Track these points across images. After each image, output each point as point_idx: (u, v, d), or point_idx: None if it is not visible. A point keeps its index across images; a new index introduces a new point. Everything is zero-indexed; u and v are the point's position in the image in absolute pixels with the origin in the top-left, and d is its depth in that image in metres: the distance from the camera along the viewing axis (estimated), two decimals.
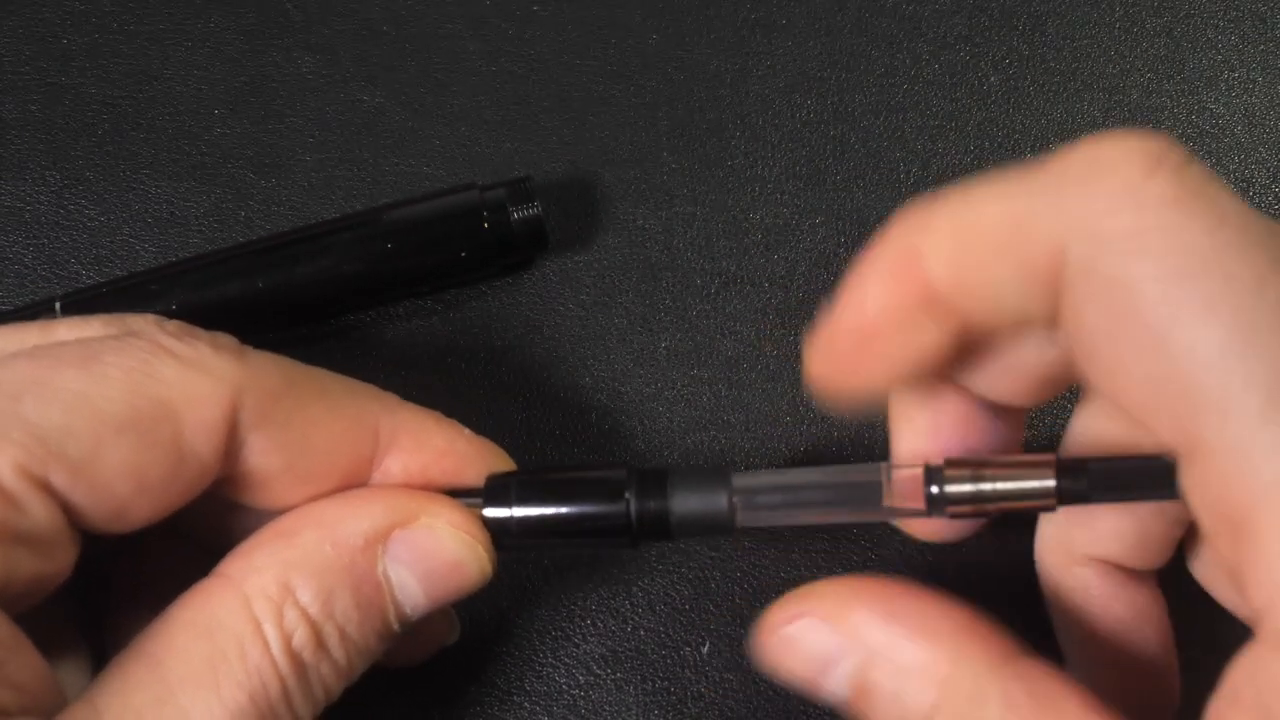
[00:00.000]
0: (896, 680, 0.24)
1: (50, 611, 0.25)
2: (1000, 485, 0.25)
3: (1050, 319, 0.23)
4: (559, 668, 0.33)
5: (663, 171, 0.39)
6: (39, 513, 0.23)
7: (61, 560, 0.24)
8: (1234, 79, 0.40)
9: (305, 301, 0.35)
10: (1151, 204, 0.20)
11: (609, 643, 0.33)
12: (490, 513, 0.28)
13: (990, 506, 0.25)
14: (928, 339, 0.24)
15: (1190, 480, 0.21)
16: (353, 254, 0.35)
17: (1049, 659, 0.24)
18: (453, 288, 0.37)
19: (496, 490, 0.28)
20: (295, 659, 0.24)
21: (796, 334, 0.37)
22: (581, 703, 0.33)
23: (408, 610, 0.27)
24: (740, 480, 0.27)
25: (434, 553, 0.27)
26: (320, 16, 0.41)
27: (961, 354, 0.25)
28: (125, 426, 0.24)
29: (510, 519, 0.28)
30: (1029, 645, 0.24)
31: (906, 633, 0.24)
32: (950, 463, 0.26)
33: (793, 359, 0.36)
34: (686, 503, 0.27)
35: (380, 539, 0.26)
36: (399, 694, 0.33)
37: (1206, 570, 0.28)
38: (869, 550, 0.34)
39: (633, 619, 0.34)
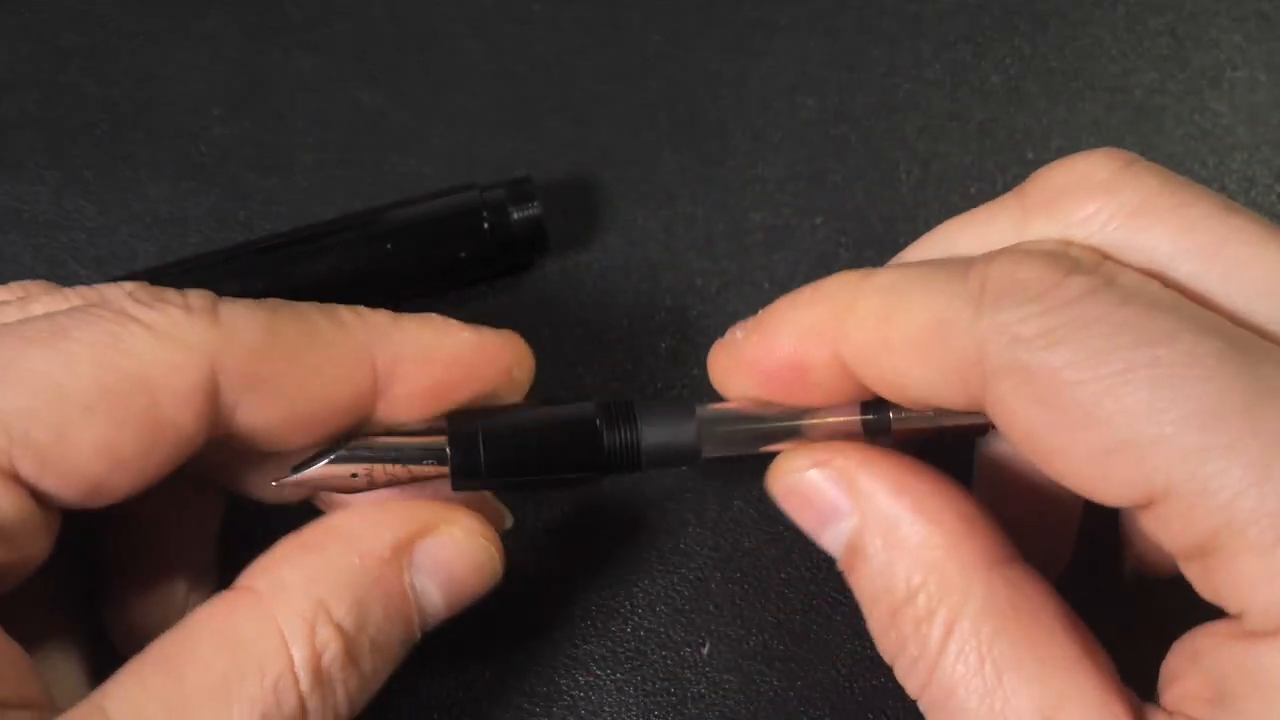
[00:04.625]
0: (889, 552, 0.24)
1: (31, 593, 0.25)
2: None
3: (967, 404, 0.24)
4: (559, 668, 0.33)
5: (663, 171, 0.39)
6: (4, 503, 0.23)
7: (33, 547, 0.24)
8: (1237, 78, 0.40)
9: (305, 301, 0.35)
10: (1059, 305, 0.22)
11: (609, 643, 0.33)
12: (455, 453, 0.27)
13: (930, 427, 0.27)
14: (813, 393, 0.26)
15: (1154, 523, 0.22)
16: (353, 254, 0.35)
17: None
18: (453, 288, 0.37)
19: (461, 432, 0.27)
20: (320, 676, 0.24)
21: None
22: (581, 703, 0.33)
23: (429, 617, 0.27)
24: (706, 411, 0.28)
25: (454, 560, 0.27)
26: (320, 16, 0.41)
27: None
28: (94, 404, 0.23)
29: (479, 461, 0.27)
30: (1018, 553, 0.25)
31: (909, 509, 0.24)
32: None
33: None
34: (656, 434, 0.28)
35: (405, 550, 0.26)
36: (399, 693, 0.33)
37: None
38: None
39: (633, 619, 0.33)
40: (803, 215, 0.38)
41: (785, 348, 0.26)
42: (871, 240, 0.38)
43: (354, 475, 0.27)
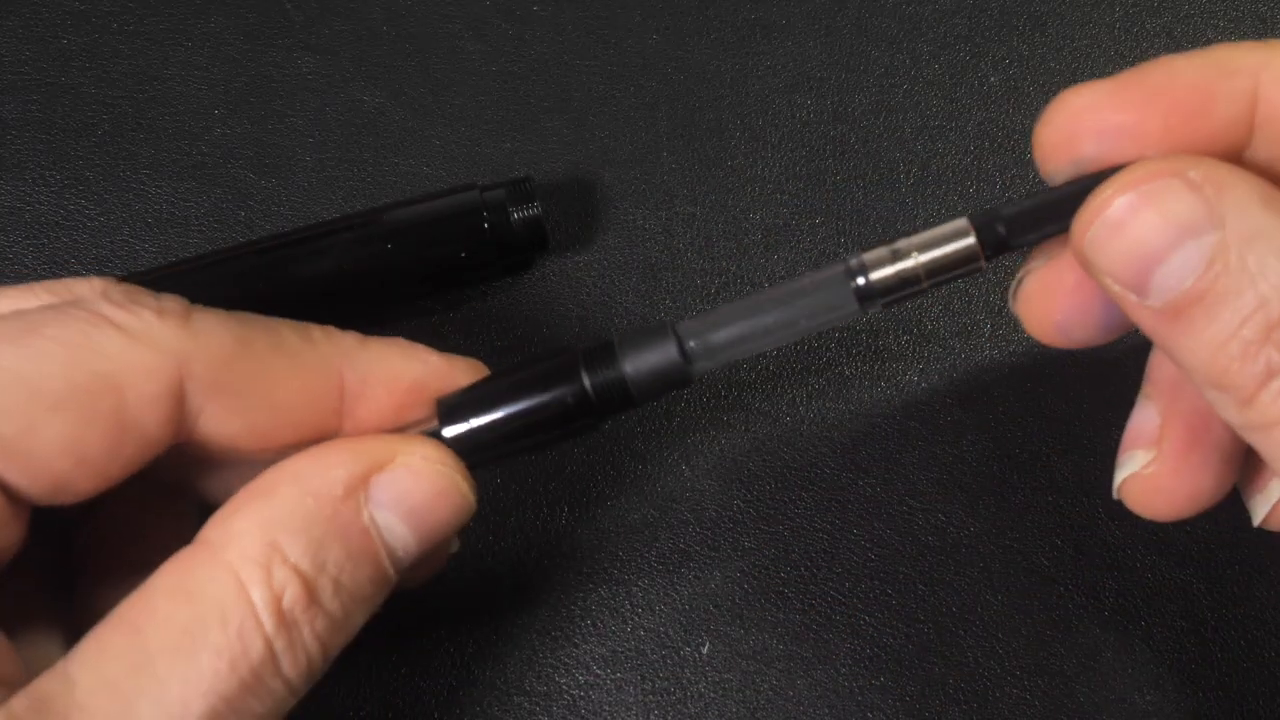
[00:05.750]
0: (1265, 264, 0.22)
1: (12, 583, 0.25)
2: (922, 259, 0.25)
3: None
4: (559, 668, 0.33)
5: (663, 171, 0.39)
6: None
7: (3, 536, 0.24)
8: None
9: (305, 301, 0.35)
10: None
11: (609, 643, 0.33)
12: (450, 433, 0.27)
13: (923, 284, 0.26)
14: (1206, 140, 0.24)
15: None
16: (353, 254, 0.35)
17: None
18: (453, 288, 0.37)
19: (450, 410, 0.27)
20: (283, 619, 0.24)
21: None
22: (581, 703, 0.33)
23: (400, 554, 0.26)
24: (687, 324, 0.27)
25: (414, 491, 0.26)
26: (320, 16, 0.41)
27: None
28: (62, 403, 0.23)
29: (473, 433, 0.27)
30: None
31: None
32: (867, 251, 0.26)
33: (792, 359, 0.36)
34: (639, 362, 0.27)
35: (360, 485, 0.26)
36: (400, 693, 0.33)
37: None
38: (869, 550, 0.34)
39: (633, 619, 0.34)
40: (801, 215, 0.38)
41: (1192, 75, 0.24)
42: (870, 240, 0.38)
43: None
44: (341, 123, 0.40)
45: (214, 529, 0.25)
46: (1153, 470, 0.27)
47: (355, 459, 0.26)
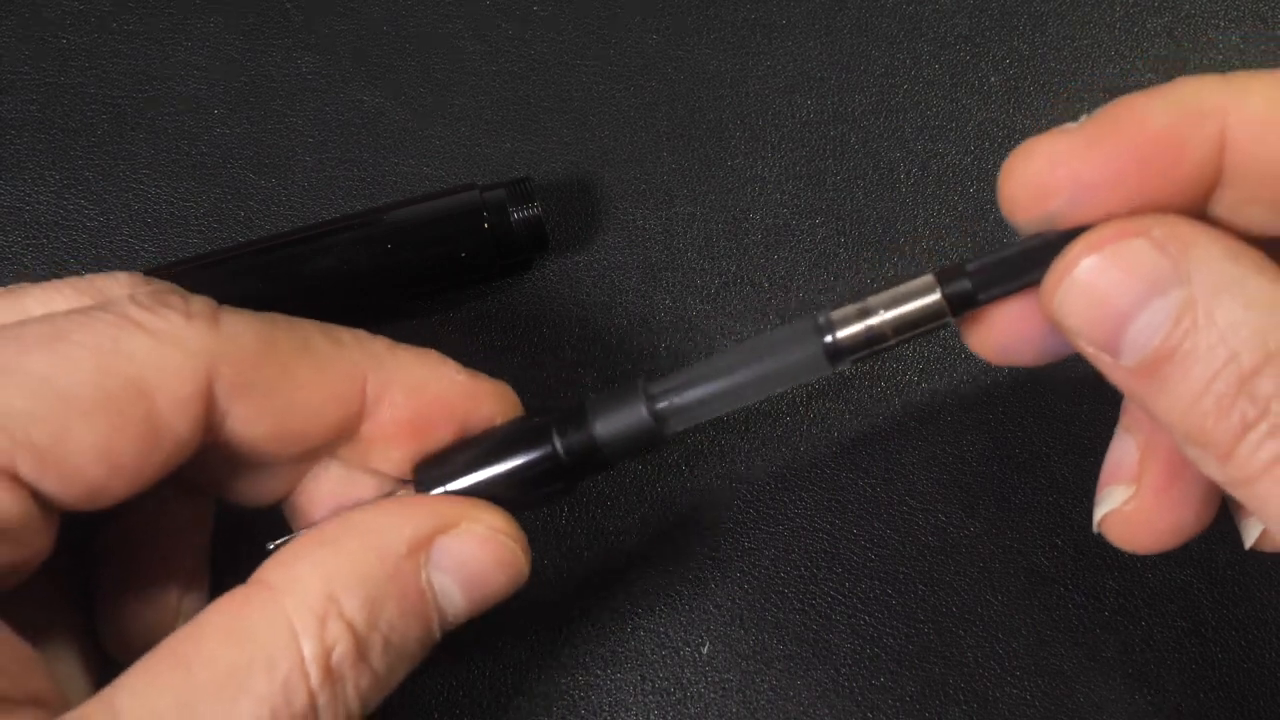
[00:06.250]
0: (1237, 313, 0.22)
1: (34, 592, 0.25)
2: (889, 315, 0.25)
3: None
4: (559, 668, 0.33)
5: (663, 171, 0.39)
6: (6, 502, 0.23)
7: (35, 545, 0.24)
8: None
9: (305, 302, 0.35)
10: None
11: (609, 643, 0.33)
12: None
13: (891, 340, 0.25)
14: (1178, 187, 0.23)
15: None
16: (353, 254, 0.35)
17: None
18: (453, 288, 0.37)
19: (427, 475, 0.28)
20: (330, 673, 0.24)
21: None
22: (581, 703, 0.33)
23: (450, 617, 0.26)
24: (657, 384, 0.27)
25: (476, 557, 0.26)
26: (320, 16, 0.41)
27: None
28: (94, 408, 0.23)
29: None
30: None
31: (1255, 270, 0.22)
32: (834, 309, 0.26)
33: None
34: (609, 425, 0.27)
35: (423, 546, 0.26)
36: (400, 693, 0.33)
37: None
38: (869, 550, 0.34)
39: (633, 619, 0.34)
40: (801, 215, 0.38)
41: (1162, 120, 0.23)
42: (870, 240, 0.38)
43: None
44: (341, 123, 0.40)
45: (274, 571, 0.25)
46: (1133, 506, 0.26)
47: (424, 518, 0.26)
